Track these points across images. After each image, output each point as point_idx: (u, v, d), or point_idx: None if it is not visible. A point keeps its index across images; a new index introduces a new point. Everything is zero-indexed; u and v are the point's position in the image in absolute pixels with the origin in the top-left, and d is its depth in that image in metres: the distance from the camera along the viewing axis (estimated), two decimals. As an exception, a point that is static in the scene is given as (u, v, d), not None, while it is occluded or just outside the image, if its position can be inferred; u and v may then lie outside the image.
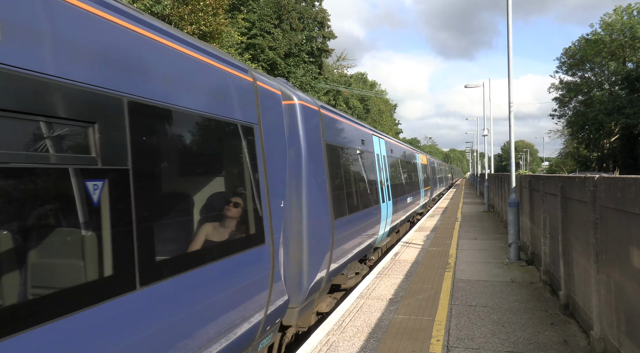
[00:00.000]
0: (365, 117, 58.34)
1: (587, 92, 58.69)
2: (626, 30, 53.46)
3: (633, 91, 52.48)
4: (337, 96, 51.29)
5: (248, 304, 4.38)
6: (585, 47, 57.42)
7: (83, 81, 2.66)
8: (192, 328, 3.50)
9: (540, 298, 7.66)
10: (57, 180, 2.48)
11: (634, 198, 3.95)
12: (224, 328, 3.96)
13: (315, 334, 6.15)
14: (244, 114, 4.63)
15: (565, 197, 6.83)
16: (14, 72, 2.26)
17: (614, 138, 57.98)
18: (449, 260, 10.98)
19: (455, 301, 7.54)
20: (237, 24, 27.14)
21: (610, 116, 51.53)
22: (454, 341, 5.80)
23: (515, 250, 10.81)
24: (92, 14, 2.81)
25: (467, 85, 29.87)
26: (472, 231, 16.42)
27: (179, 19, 18.35)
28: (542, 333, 6.03)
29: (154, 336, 3.09)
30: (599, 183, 5.06)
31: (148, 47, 3.30)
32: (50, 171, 2.45)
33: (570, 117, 61.65)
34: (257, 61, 30.56)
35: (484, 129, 31.59)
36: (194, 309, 3.53)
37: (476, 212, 24.15)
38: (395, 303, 7.51)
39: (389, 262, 10.89)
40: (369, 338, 5.96)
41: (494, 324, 6.41)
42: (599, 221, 5.08)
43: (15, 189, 2.27)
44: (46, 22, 2.47)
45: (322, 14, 36.08)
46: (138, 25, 3.25)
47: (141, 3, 16.22)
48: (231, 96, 4.46)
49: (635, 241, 4.01)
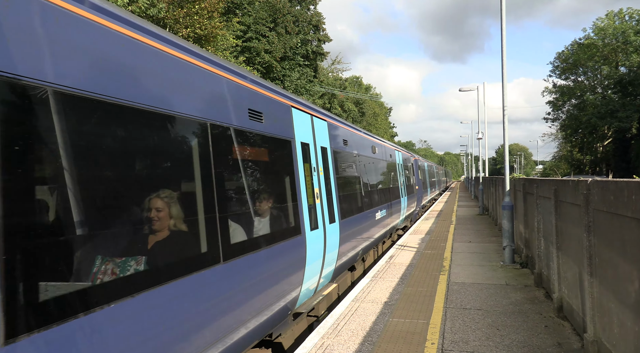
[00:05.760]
0: (360, 121, 58.43)
1: (580, 95, 59.16)
2: (618, 34, 54.01)
3: (626, 94, 52.94)
4: (332, 99, 51.36)
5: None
6: (578, 52, 57.95)
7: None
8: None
9: (535, 301, 7.68)
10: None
11: (626, 202, 3.98)
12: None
13: (310, 338, 6.13)
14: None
15: (559, 200, 6.87)
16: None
17: (607, 141, 58.44)
18: (443, 263, 11.00)
19: (449, 305, 7.55)
20: (232, 27, 27.14)
21: (603, 119, 51.97)
22: (448, 344, 5.81)
23: (509, 253, 10.85)
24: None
25: (462, 88, 30.03)
26: (466, 234, 16.46)
27: (174, 22, 18.34)
28: (536, 336, 6.05)
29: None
30: (592, 186, 5.09)
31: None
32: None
33: (563, 120, 62.14)
34: (253, 64, 30.56)
35: (479, 132, 31.73)
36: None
37: (471, 215, 24.22)
38: (390, 306, 7.51)
39: (384, 265, 10.89)
40: (364, 341, 5.95)
41: (489, 327, 6.43)
42: (592, 224, 5.11)
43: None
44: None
45: (317, 17, 36.14)
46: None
47: (136, 6, 16.19)
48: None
49: (628, 244, 4.04)
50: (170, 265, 3.54)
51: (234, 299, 4.41)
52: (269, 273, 5.24)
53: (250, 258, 4.74)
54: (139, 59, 3.37)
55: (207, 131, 4.19)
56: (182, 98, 3.86)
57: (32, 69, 2.48)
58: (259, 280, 4.94)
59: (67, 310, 2.58)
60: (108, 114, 3.04)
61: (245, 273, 4.63)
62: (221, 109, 4.51)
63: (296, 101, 6.98)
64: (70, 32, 2.78)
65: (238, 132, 4.80)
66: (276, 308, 5.51)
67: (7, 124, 2.33)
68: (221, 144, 4.41)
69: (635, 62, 51.94)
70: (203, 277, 3.87)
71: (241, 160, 4.86)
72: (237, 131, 4.77)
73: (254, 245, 4.91)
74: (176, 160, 3.79)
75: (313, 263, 6.72)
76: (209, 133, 4.20)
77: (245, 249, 4.66)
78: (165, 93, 3.65)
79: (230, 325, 4.34)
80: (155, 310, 3.30)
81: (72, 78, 2.74)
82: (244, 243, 4.69)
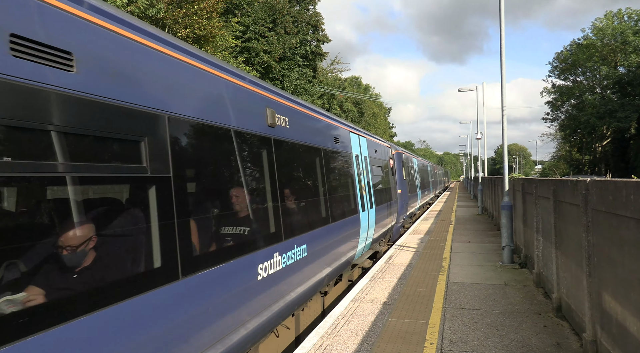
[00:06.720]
0: (359, 121, 58.45)
1: (579, 96, 59.26)
2: (617, 35, 54.09)
3: (624, 95, 53.05)
4: (331, 100, 51.37)
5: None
6: (577, 52, 58.04)
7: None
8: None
9: (534, 301, 7.69)
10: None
11: (625, 201, 3.98)
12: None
13: (309, 338, 6.14)
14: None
15: (558, 200, 6.88)
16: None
17: (606, 141, 58.53)
18: (442, 263, 11.01)
19: (449, 305, 7.55)
20: (231, 27, 27.14)
21: (602, 119, 52.07)
22: (447, 344, 5.81)
23: (508, 253, 10.86)
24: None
25: (461, 89, 30.04)
26: (465, 234, 16.47)
27: (173, 22, 18.34)
28: (535, 336, 6.05)
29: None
30: (590, 186, 5.10)
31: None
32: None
33: (562, 120, 62.23)
34: (252, 64, 30.56)
35: (477, 132, 31.76)
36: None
37: (470, 215, 24.24)
38: (389, 306, 7.51)
39: (383, 265, 10.89)
40: (363, 341, 5.96)
41: (488, 327, 6.43)
42: (590, 224, 5.12)
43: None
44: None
45: (316, 18, 36.15)
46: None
47: (135, 6, 16.19)
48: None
49: (626, 243, 4.05)
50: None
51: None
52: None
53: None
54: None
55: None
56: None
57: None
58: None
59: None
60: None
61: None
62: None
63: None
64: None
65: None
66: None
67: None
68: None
69: (634, 63, 52.02)
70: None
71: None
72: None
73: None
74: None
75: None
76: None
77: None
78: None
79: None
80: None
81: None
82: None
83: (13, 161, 2.34)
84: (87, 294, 2.68)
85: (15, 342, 2.22)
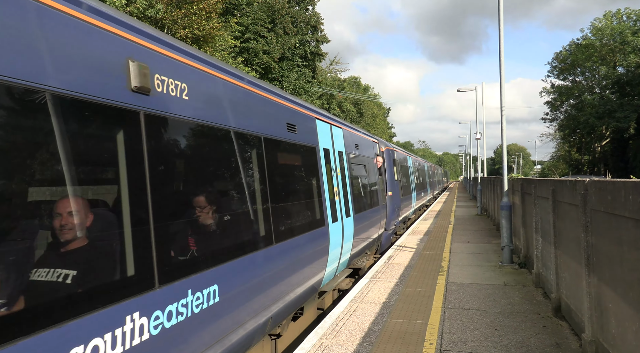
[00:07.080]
0: (359, 121, 58.46)
1: (578, 96, 59.30)
2: (616, 35, 54.13)
3: (623, 95, 53.07)
4: (330, 100, 51.39)
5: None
6: (576, 52, 58.09)
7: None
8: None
9: (533, 301, 7.69)
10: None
11: (623, 202, 3.99)
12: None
13: (308, 338, 6.14)
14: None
15: (557, 200, 6.88)
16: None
17: (605, 141, 58.58)
18: (442, 264, 11.01)
19: (448, 305, 7.56)
20: (230, 28, 27.14)
21: (601, 119, 52.09)
22: (447, 344, 5.81)
23: (507, 253, 10.86)
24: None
25: (460, 89, 30.03)
26: (465, 234, 16.48)
27: (172, 22, 18.33)
28: (535, 336, 6.06)
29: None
30: (589, 186, 5.10)
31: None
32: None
33: (562, 121, 62.27)
34: (251, 64, 30.57)
35: (477, 132, 31.77)
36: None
37: (469, 215, 24.25)
38: (389, 306, 7.51)
39: (383, 266, 10.89)
40: (362, 342, 5.96)
41: (487, 327, 6.43)
42: (589, 224, 5.13)
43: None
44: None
45: (315, 18, 36.15)
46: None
47: (134, 7, 16.18)
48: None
49: (625, 243, 4.05)
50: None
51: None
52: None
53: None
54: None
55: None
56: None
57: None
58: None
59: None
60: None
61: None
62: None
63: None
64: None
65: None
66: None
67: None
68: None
69: (633, 63, 52.07)
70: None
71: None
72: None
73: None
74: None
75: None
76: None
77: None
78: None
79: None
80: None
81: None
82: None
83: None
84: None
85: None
